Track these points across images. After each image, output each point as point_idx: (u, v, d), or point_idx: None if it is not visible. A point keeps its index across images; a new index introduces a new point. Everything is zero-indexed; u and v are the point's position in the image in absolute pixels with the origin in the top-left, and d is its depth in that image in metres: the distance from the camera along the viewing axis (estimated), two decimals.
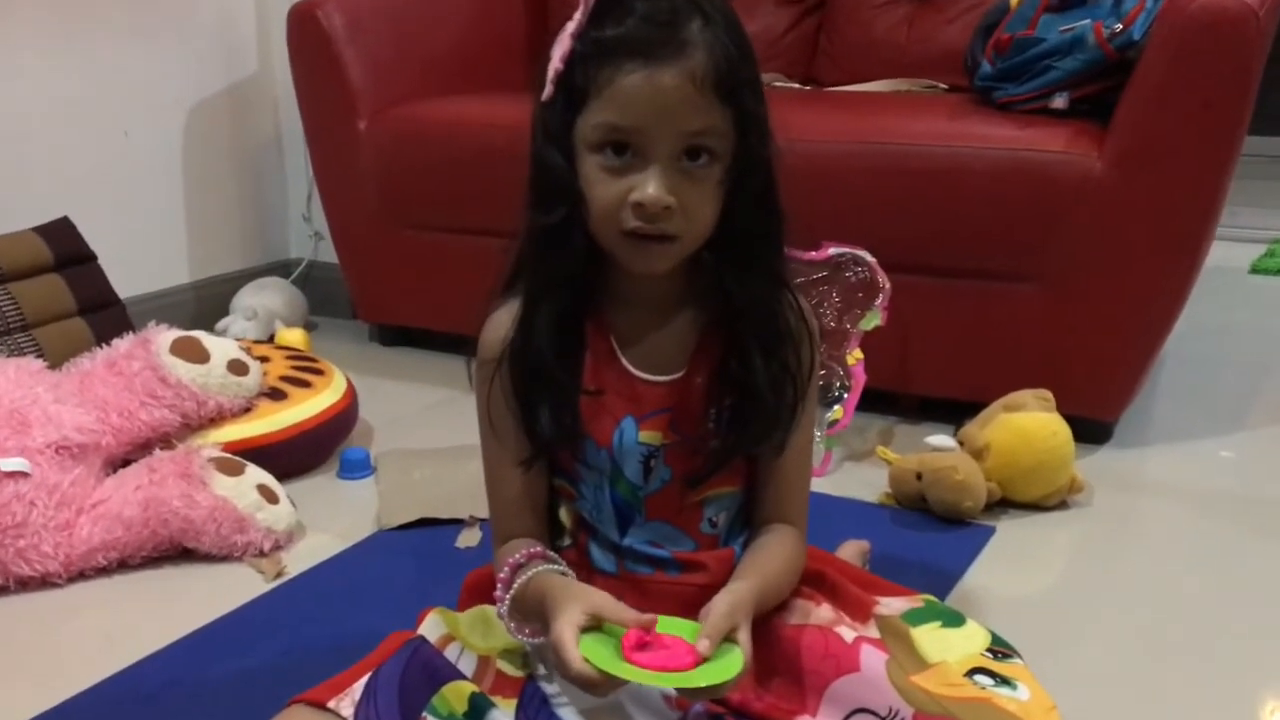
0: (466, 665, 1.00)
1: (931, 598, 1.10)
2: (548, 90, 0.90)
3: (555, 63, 0.89)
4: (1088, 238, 1.64)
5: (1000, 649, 1.04)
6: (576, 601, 0.88)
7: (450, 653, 1.00)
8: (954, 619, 1.07)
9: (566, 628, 0.85)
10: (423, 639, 1.00)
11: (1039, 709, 0.96)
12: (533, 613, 0.95)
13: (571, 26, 0.90)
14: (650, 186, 0.87)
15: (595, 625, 0.87)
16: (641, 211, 0.87)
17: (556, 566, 0.96)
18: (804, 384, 0.99)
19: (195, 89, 2.35)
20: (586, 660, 0.83)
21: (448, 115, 2.11)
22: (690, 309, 0.98)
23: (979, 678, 0.99)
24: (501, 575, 0.96)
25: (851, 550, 1.33)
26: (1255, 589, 1.36)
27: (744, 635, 0.87)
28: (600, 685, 0.85)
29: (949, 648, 1.02)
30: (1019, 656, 1.05)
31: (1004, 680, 0.99)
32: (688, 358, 0.98)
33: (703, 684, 0.83)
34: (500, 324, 0.99)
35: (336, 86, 2.14)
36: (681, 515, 1.00)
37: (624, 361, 0.98)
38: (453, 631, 1.02)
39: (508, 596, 0.95)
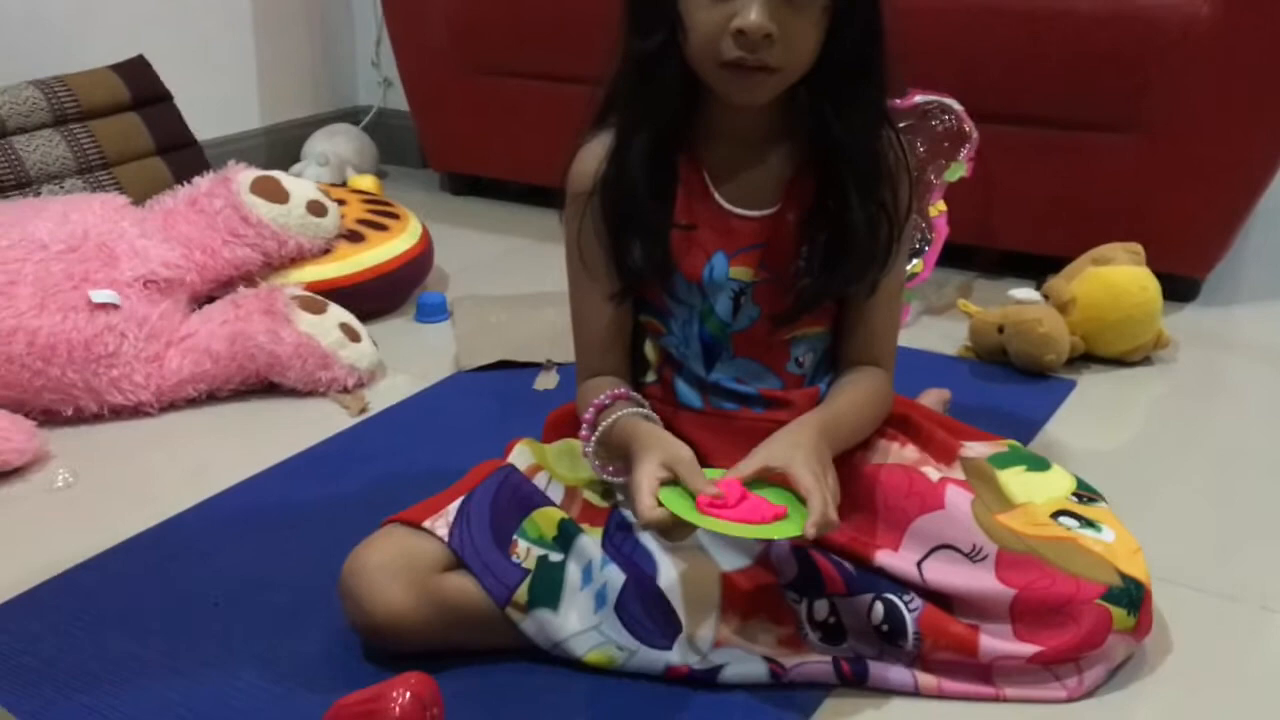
0: (555, 493, 1.02)
1: (1016, 443, 1.10)
2: None
3: None
4: (1188, 86, 1.57)
5: (1086, 493, 1.04)
6: (658, 451, 0.89)
7: (539, 481, 1.02)
8: (1039, 463, 1.07)
9: (645, 476, 0.86)
10: (512, 467, 1.02)
11: (1124, 550, 0.97)
12: (617, 454, 0.96)
13: None
14: (753, 13, 0.84)
15: (672, 479, 0.88)
16: (743, 40, 0.85)
17: (642, 410, 0.97)
18: (900, 224, 0.97)
19: None
20: (661, 505, 0.84)
21: None
22: (785, 144, 0.96)
23: (1064, 519, 0.99)
24: (586, 416, 0.97)
25: (933, 398, 1.32)
26: None
27: (817, 481, 0.86)
28: (673, 531, 0.86)
29: (1034, 490, 1.03)
30: (1104, 500, 1.05)
31: (1089, 523, 0.99)
32: (781, 193, 0.96)
33: (768, 537, 0.84)
34: (592, 156, 0.97)
35: None
36: (769, 353, 1.00)
37: (717, 196, 0.96)
38: (540, 461, 1.04)
39: (593, 437, 0.96)
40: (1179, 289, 1.69)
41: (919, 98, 1.68)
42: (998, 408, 1.40)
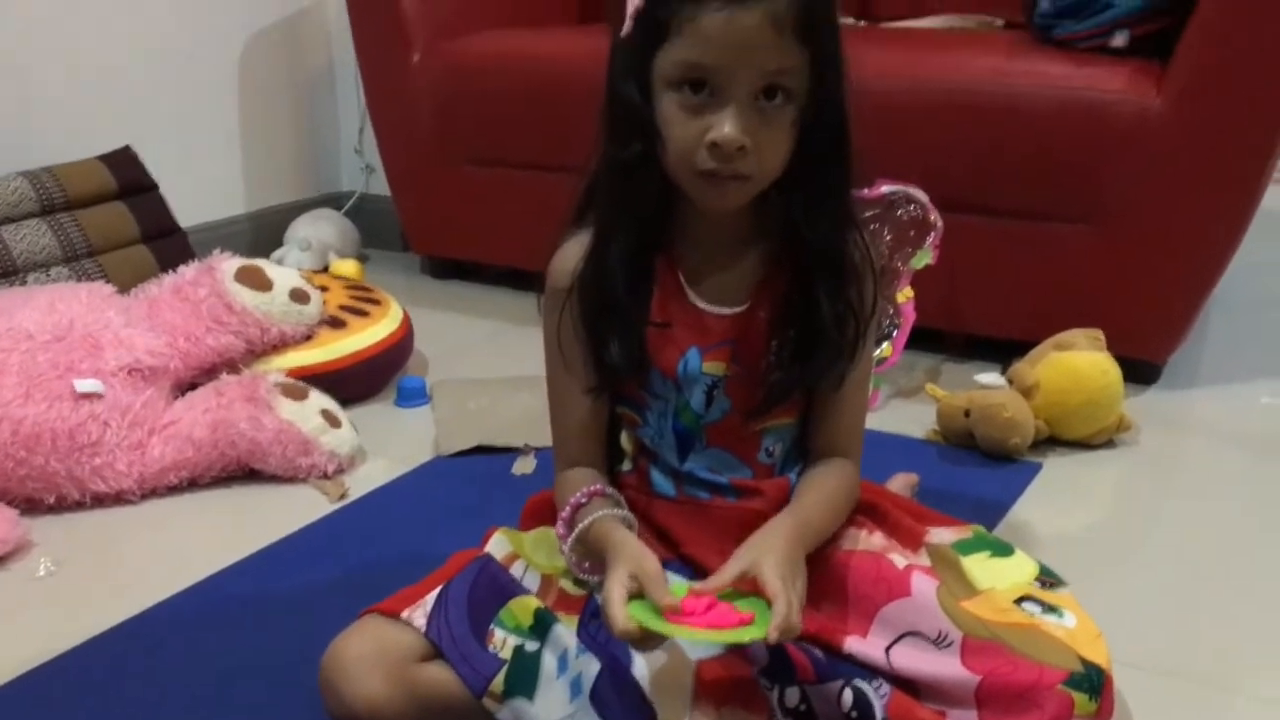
0: (531, 582, 1.04)
1: (980, 529, 1.13)
2: (627, 26, 0.91)
3: (635, 1, 0.90)
4: (1143, 178, 1.64)
5: (1048, 578, 1.07)
6: (626, 562, 0.90)
7: (515, 570, 1.04)
8: (1003, 549, 1.09)
9: (615, 588, 0.88)
10: (490, 556, 1.04)
11: (1085, 636, 0.99)
12: (593, 555, 0.98)
13: None
14: (727, 126, 0.88)
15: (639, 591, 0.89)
16: (717, 152, 0.88)
17: (617, 511, 0.99)
18: (866, 321, 1.01)
19: (250, 21, 2.37)
20: (631, 617, 0.86)
21: (501, 48, 2.11)
22: (756, 245, 1.00)
23: (1027, 605, 1.02)
24: (564, 514, 1.00)
25: (900, 483, 1.35)
26: None
27: (784, 586, 0.87)
28: (644, 641, 0.88)
29: (998, 576, 1.05)
30: (1066, 586, 1.08)
31: (1051, 608, 1.02)
32: (752, 292, 1.00)
33: (733, 641, 0.87)
34: (571, 255, 1.01)
35: (391, 18, 2.15)
36: (740, 444, 1.03)
37: (691, 295, 1.00)
38: (517, 550, 1.06)
39: (570, 536, 0.99)
40: (1140, 373, 1.73)
41: (886, 188, 1.74)
42: (966, 490, 1.44)
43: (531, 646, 0.97)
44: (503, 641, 0.97)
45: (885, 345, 1.72)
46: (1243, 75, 1.57)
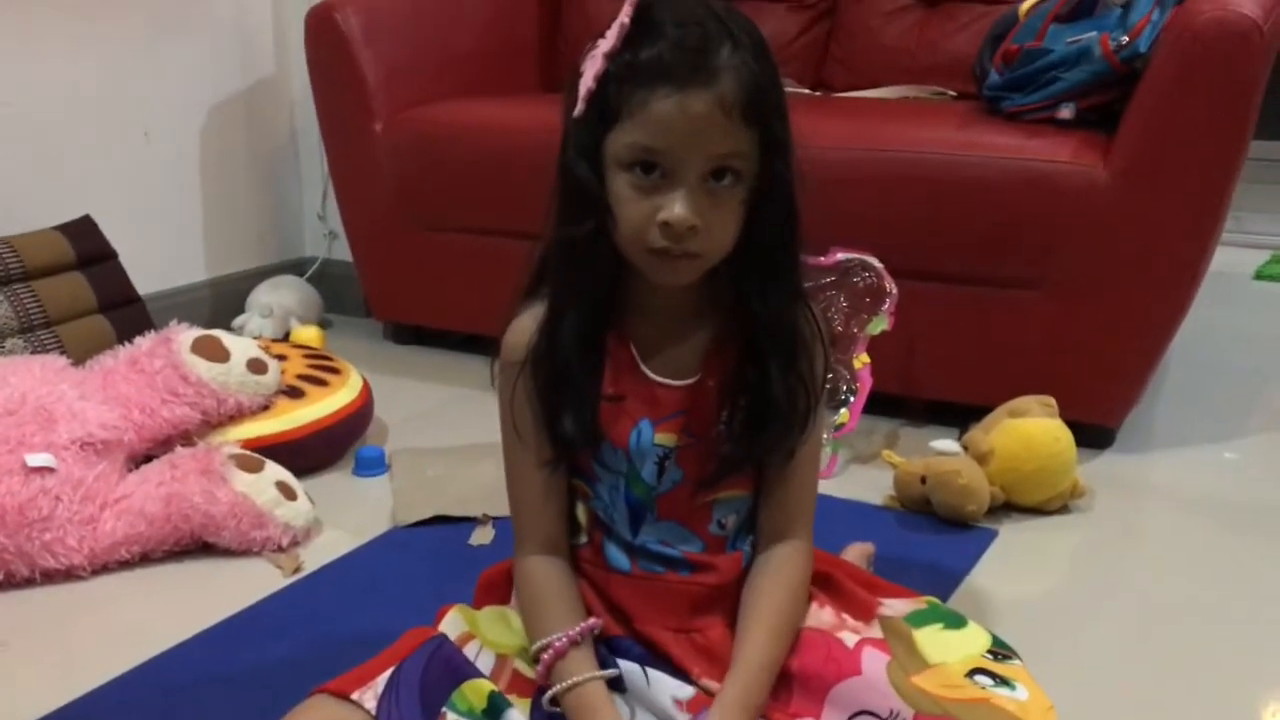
0: (485, 663, 1.02)
1: (934, 600, 1.13)
2: (580, 108, 0.92)
3: (588, 81, 0.91)
4: (1092, 246, 1.67)
5: (1000, 650, 1.07)
6: None
7: (469, 650, 1.03)
8: (955, 621, 1.09)
9: None
10: (444, 636, 1.03)
11: (1037, 709, 0.99)
12: (569, 711, 0.97)
13: (604, 46, 0.92)
14: (677, 207, 0.89)
15: None
16: (668, 231, 0.90)
17: (600, 674, 0.97)
18: (816, 394, 1.02)
19: (213, 90, 2.39)
20: None
21: (462, 117, 2.14)
22: (707, 316, 1.01)
23: (979, 678, 1.02)
24: (545, 656, 0.98)
25: (856, 552, 1.36)
26: (1254, 593, 1.38)
27: None
28: None
29: (951, 649, 1.05)
30: (1018, 658, 1.08)
31: (1003, 681, 1.02)
32: (702, 362, 1.01)
33: None
34: (524, 328, 1.01)
35: (353, 88, 2.17)
36: (692, 516, 1.03)
37: (643, 368, 1.01)
38: (472, 629, 1.05)
39: (550, 692, 0.97)
40: (1094, 437, 1.75)
41: (841, 255, 1.76)
42: (922, 559, 1.44)
43: None
44: None
45: (843, 411, 1.74)
46: (1185, 146, 1.61)
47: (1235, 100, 1.59)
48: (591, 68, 0.91)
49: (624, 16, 0.91)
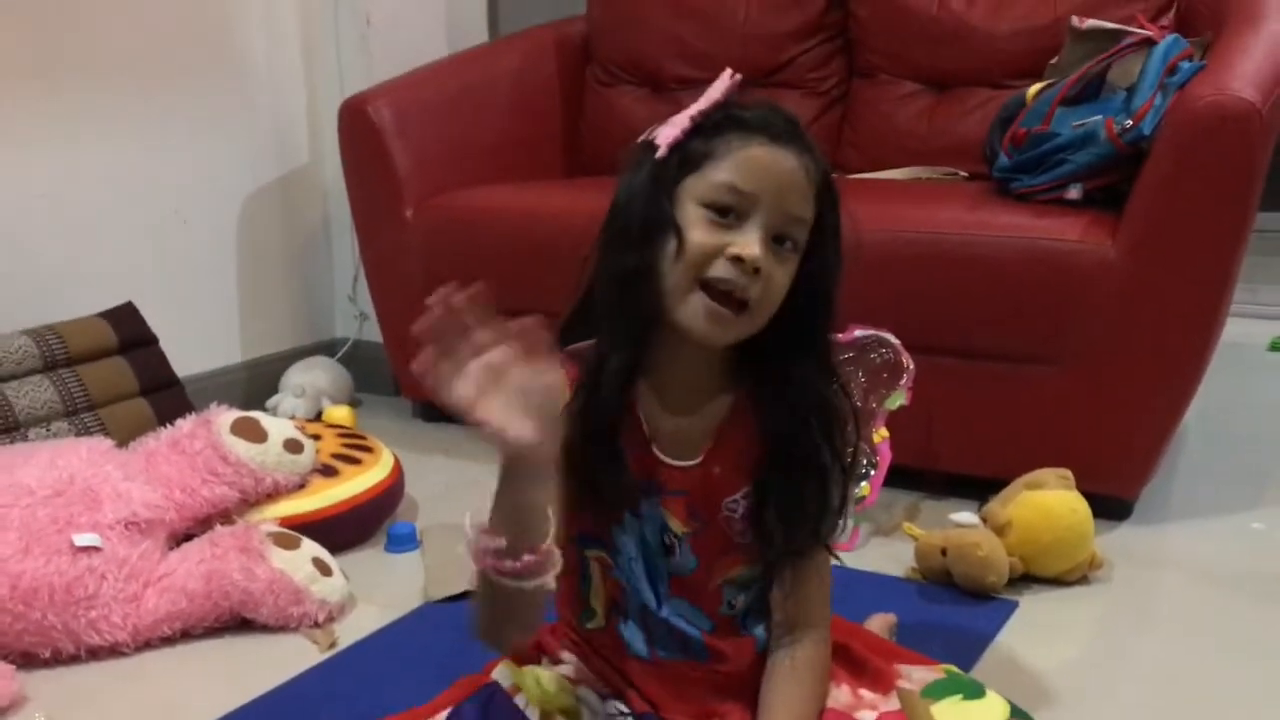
0: (532, 717, 1.04)
1: (953, 668, 1.16)
2: (662, 151, 0.97)
3: (671, 134, 0.97)
4: (1104, 322, 1.71)
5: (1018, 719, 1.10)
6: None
7: (519, 701, 1.05)
8: (974, 691, 1.11)
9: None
10: (497, 684, 1.06)
11: None
12: (509, 515, 0.93)
13: (694, 110, 0.98)
14: (752, 244, 0.93)
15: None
16: (738, 265, 0.93)
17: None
18: (850, 468, 1.05)
19: (249, 177, 2.48)
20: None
21: (489, 203, 2.21)
22: (717, 399, 1.03)
23: None
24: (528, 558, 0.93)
25: (879, 624, 1.38)
26: (1265, 661, 1.40)
27: None
28: None
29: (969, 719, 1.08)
30: None
31: None
32: (708, 445, 1.03)
33: None
34: None
35: (385, 177, 2.25)
36: (703, 597, 1.05)
37: (647, 436, 1.02)
38: (518, 682, 1.07)
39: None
40: (1112, 509, 1.78)
41: (858, 332, 1.80)
42: (944, 630, 1.46)
43: None
44: None
45: (864, 485, 1.77)
46: (1190, 224, 1.66)
47: (1237, 180, 1.64)
48: (674, 128, 0.97)
49: (720, 85, 0.98)
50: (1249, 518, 1.86)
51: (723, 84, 0.99)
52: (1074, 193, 1.78)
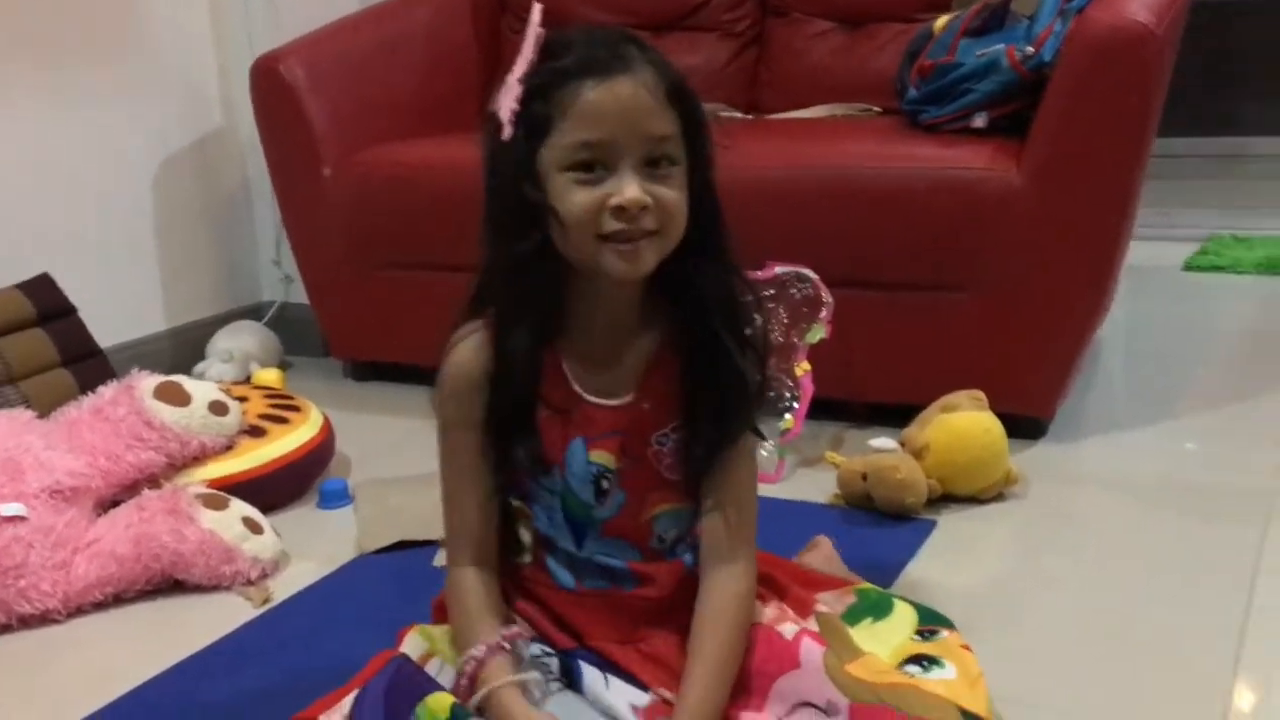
0: (446, 678, 1.05)
1: (866, 586, 1.20)
2: (507, 130, 0.96)
3: (510, 105, 0.96)
4: (1011, 247, 1.75)
5: (928, 626, 1.14)
6: None
7: (431, 667, 1.07)
8: (883, 608, 1.16)
9: None
10: (405, 656, 1.07)
11: (965, 683, 1.05)
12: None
13: (517, 72, 0.97)
14: (628, 190, 0.94)
15: None
16: (623, 215, 0.94)
17: (518, 677, 1.00)
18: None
19: (162, 144, 2.44)
20: None
21: (409, 159, 2.20)
22: (641, 336, 1.05)
23: (909, 668, 1.08)
24: (467, 669, 1.01)
25: (823, 548, 1.39)
26: (1183, 570, 1.45)
27: None
28: None
29: (881, 640, 1.11)
30: (947, 627, 1.15)
31: (932, 661, 1.09)
32: (637, 383, 1.05)
33: None
34: (468, 354, 1.04)
35: (301, 136, 2.23)
36: (634, 533, 1.07)
37: (575, 386, 1.05)
38: (432, 647, 1.09)
39: (472, 700, 1.00)
40: (1027, 428, 1.83)
41: (778, 269, 1.84)
42: (866, 552, 1.49)
43: None
44: None
45: (788, 417, 1.81)
46: (1091, 147, 1.70)
47: (1135, 102, 1.68)
48: (509, 95, 0.96)
49: (530, 42, 0.97)
50: (1160, 432, 1.92)
51: (533, 36, 0.98)
52: (979, 121, 1.81)
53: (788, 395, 1.82)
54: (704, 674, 1.01)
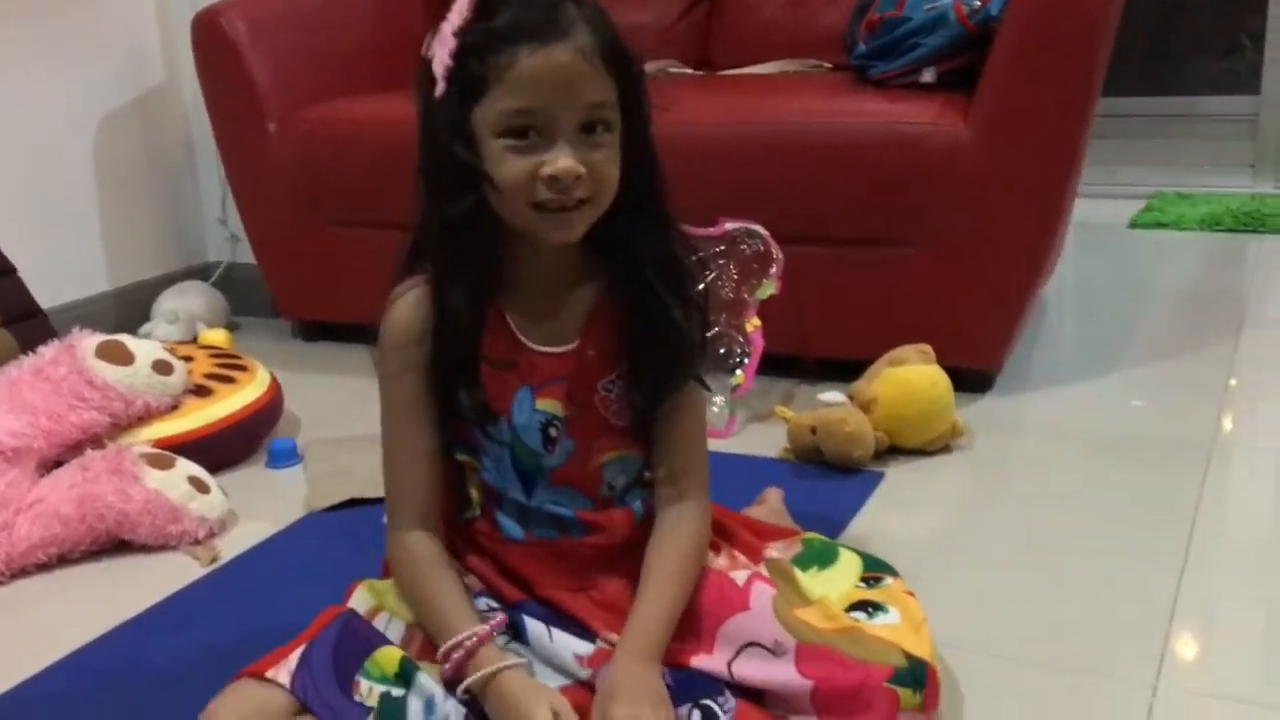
0: (394, 632, 1.06)
1: (813, 536, 1.22)
2: (440, 86, 0.95)
3: (444, 59, 0.95)
4: (959, 201, 1.76)
5: (873, 573, 1.16)
6: (544, 698, 0.96)
7: (379, 622, 1.06)
8: (829, 555, 1.17)
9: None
10: (353, 611, 1.07)
11: (909, 627, 1.08)
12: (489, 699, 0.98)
13: (453, 24, 0.96)
14: (561, 159, 0.93)
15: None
16: (556, 184, 0.94)
17: (515, 660, 1.00)
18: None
19: (102, 102, 2.39)
20: None
21: (355, 114, 2.17)
22: (583, 286, 1.06)
23: (855, 614, 1.10)
24: (456, 655, 0.99)
25: (772, 499, 1.42)
26: (1121, 519, 1.48)
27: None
28: None
29: (828, 586, 1.13)
30: (892, 574, 1.17)
31: (877, 607, 1.11)
32: (581, 330, 1.06)
33: None
34: (408, 310, 1.04)
35: (244, 91, 2.19)
36: (584, 481, 1.07)
37: (520, 336, 1.05)
38: (380, 602, 1.09)
39: (466, 683, 0.98)
40: (974, 381, 1.85)
41: (728, 225, 1.84)
42: (814, 504, 1.51)
43: (398, 693, 0.99)
44: (369, 690, 0.99)
45: (739, 373, 1.82)
46: (1038, 101, 1.71)
47: (1080, 57, 1.69)
48: (443, 47, 0.95)
49: (461, 6, 0.96)
50: (1104, 385, 1.95)
51: None
52: (928, 76, 1.82)
53: (738, 351, 1.83)
54: (655, 591, 1.03)
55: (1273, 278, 2.61)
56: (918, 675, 1.01)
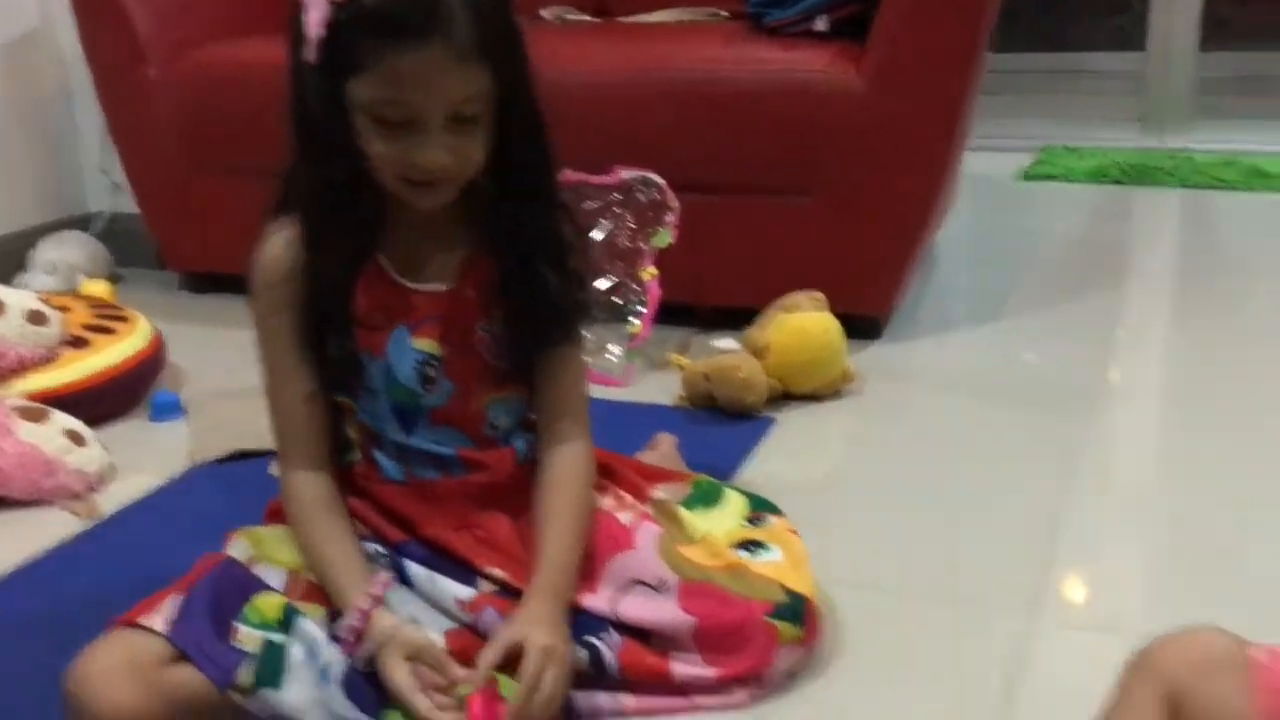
0: (276, 579, 1.04)
1: (701, 478, 1.23)
2: (314, 54, 0.93)
3: (317, 26, 0.92)
4: (851, 150, 1.78)
5: (758, 512, 1.17)
6: (399, 649, 0.95)
7: (258, 571, 1.05)
8: (714, 497, 1.19)
9: (404, 685, 0.94)
10: (232, 559, 1.05)
11: (791, 564, 1.10)
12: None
13: None
14: (427, 153, 0.94)
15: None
16: (419, 172, 0.95)
17: (406, 630, 0.99)
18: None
19: None
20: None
21: (239, 58, 2.10)
22: (462, 229, 1.05)
23: (739, 552, 1.11)
24: (353, 623, 0.98)
25: (665, 444, 1.42)
26: (1006, 460, 1.52)
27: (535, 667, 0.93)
28: None
29: (713, 525, 1.15)
30: (775, 514, 1.19)
31: (760, 546, 1.12)
32: (458, 272, 1.05)
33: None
34: (279, 248, 1.03)
35: (123, 36, 2.11)
36: (466, 421, 1.07)
37: (396, 277, 1.04)
38: (257, 551, 1.07)
39: (365, 652, 0.98)
40: (864, 328, 1.87)
41: (624, 173, 1.83)
42: (708, 450, 1.52)
43: (279, 639, 0.98)
44: (248, 636, 0.98)
45: (634, 322, 1.81)
46: (928, 50, 1.73)
47: (969, 6, 1.71)
48: (317, 10, 0.92)
49: None
50: (992, 332, 1.99)
51: None
52: (821, 24, 1.82)
53: (634, 300, 1.83)
54: (554, 532, 1.03)
55: (1157, 230, 2.69)
56: (797, 609, 1.04)
